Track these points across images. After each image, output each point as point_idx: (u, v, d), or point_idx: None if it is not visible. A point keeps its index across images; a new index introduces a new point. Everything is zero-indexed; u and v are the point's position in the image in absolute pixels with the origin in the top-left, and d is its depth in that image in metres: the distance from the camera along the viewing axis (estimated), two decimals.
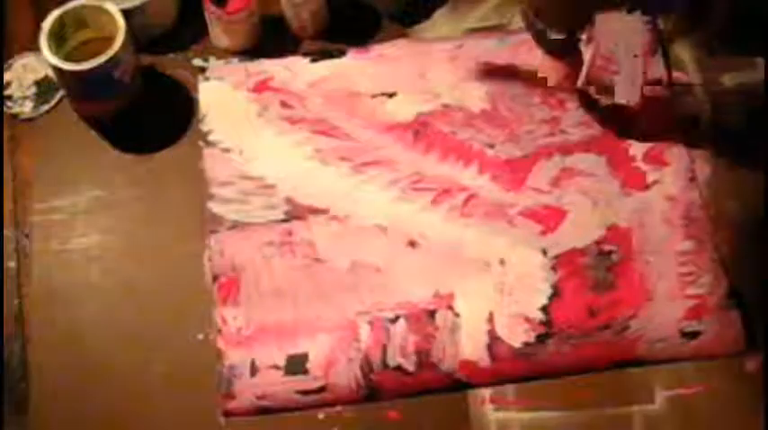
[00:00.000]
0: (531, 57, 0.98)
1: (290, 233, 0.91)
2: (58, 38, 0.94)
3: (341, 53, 1.01)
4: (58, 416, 0.85)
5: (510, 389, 0.85)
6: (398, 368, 0.85)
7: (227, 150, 0.95)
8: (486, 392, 0.85)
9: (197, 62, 1.00)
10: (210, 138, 0.96)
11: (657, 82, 0.90)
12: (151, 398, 0.85)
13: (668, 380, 0.86)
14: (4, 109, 0.98)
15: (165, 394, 0.85)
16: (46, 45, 0.92)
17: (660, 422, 0.84)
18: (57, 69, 0.92)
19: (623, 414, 0.85)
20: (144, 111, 0.98)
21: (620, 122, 0.95)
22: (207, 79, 0.99)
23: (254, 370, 0.85)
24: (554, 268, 0.89)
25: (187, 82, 0.99)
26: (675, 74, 0.95)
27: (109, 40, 0.92)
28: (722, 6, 1.03)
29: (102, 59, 0.91)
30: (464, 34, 1.02)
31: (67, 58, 0.93)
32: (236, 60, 1.00)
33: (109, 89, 0.94)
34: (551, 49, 0.93)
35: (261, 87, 0.98)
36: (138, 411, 0.85)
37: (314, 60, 1.00)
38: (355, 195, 0.93)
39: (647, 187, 0.93)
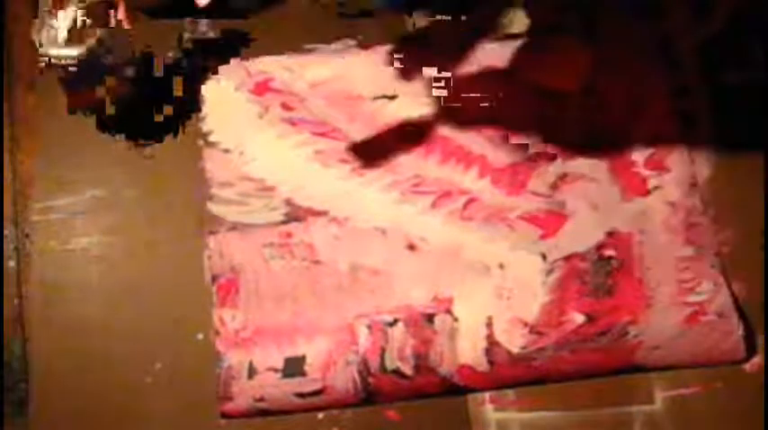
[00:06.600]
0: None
1: (289, 235, 0.91)
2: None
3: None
4: (58, 416, 0.85)
5: (510, 389, 0.86)
6: (396, 371, 0.85)
7: (227, 151, 0.94)
8: (486, 393, 0.86)
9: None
10: (211, 138, 0.95)
11: None
12: (151, 398, 0.86)
13: (668, 381, 0.86)
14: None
15: (166, 394, 0.86)
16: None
17: (660, 422, 0.84)
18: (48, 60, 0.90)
19: (623, 414, 0.85)
20: (144, 110, 0.97)
21: (620, 124, 0.95)
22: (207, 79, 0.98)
23: (251, 371, 0.85)
24: (553, 272, 0.89)
25: None
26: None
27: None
28: (722, 6, 1.03)
29: (91, 43, 0.89)
30: None
31: None
32: (236, 59, 1.00)
33: (101, 77, 0.92)
34: None
35: (262, 88, 0.97)
36: (139, 411, 0.85)
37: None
38: (355, 197, 0.92)
39: (647, 193, 0.92)
